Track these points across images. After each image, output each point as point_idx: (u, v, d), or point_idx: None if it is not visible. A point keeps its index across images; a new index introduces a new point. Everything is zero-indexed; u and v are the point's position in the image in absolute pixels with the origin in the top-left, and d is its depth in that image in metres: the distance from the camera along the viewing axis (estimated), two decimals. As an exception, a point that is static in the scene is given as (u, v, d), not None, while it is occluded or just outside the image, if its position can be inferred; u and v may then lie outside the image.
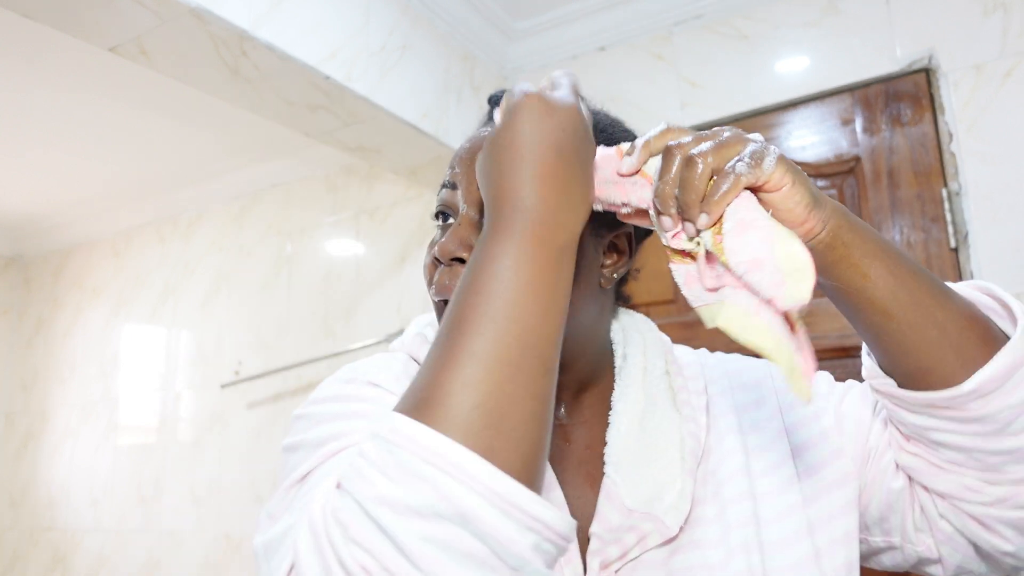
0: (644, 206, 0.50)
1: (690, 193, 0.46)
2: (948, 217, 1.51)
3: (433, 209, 0.63)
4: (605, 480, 0.56)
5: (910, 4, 1.59)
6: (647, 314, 0.71)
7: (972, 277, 1.46)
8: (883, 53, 1.61)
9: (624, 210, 0.52)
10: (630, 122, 0.67)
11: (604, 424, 0.60)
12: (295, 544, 0.37)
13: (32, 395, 3.36)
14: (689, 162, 0.47)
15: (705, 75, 1.83)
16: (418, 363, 0.62)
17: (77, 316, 3.28)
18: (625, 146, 0.52)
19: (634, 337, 0.65)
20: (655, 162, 0.50)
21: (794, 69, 1.72)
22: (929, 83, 1.57)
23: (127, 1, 1.24)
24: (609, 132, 0.62)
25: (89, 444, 3.05)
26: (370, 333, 2.30)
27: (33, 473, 3.24)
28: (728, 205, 0.46)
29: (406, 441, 0.36)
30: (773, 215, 0.48)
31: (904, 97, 1.60)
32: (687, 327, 1.76)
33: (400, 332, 2.21)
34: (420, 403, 0.38)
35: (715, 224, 0.47)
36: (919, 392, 0.51)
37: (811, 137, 1.69)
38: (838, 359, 1.58)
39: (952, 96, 1.53)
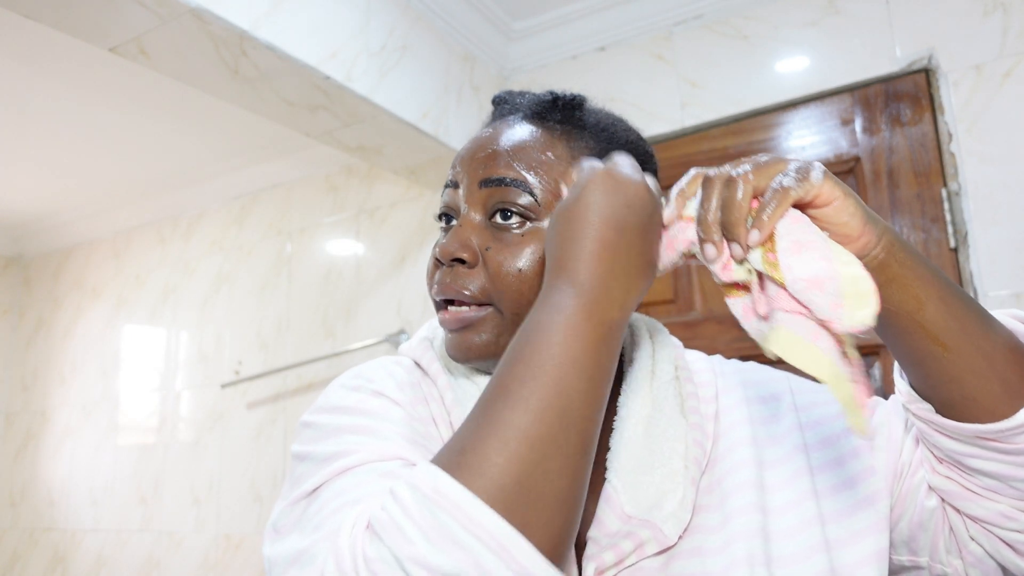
0: (690, 244, 0.49)
1: (733, 212, 0.46)
2: (948, 217, 1.51)
3: (436, 211, 0.63)
4: (606, 486, 0.55)
5: (910, 4, 1.59)
6: (647, 314, 0.70)
7: (972, 277, 1.46)
8: (883, 53, 1.61)
9: (679, 262, 0.51)
10: (630, 122, 0.67)
11: (608, 428, 0.59)
12: None
13: (32, 395, 3.36)
14: (729, 182, 0.47)
15: (705, 75, 1.83)
16: (421, 368, 0.62)
17: (77, 316, 3.28)
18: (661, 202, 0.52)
19: (643, 340, 0.64)
20: (694, 203, 0.49)
21: (794, 69, 1.72)
22: (929, 83, 1.57)
23: (127, 1, 1.25)
24: (611, 131, 0.62)
25: (89, 444, 3.05)
26: (370, 333, 2.30)
27: (33, 473, 3.24)
28: (779, 221, 0.45)
29: (450, 506, 0.36)
30: (826, 232, 0.46)
31: (904, 97, 1.60)
32: (687, 327, 1.76)
33: (400, 332, 2.21)
34: (462, 467, 0.38)
35: (765, 243, 0.45)
36: (964, 424, 0.50)
37: (811, 137, 1.70)
38: (838, 359, 1.58)
39: (952, 96, 1.53)
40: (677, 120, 1.85)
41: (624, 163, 0.49)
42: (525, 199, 0.56)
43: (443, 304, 0.59)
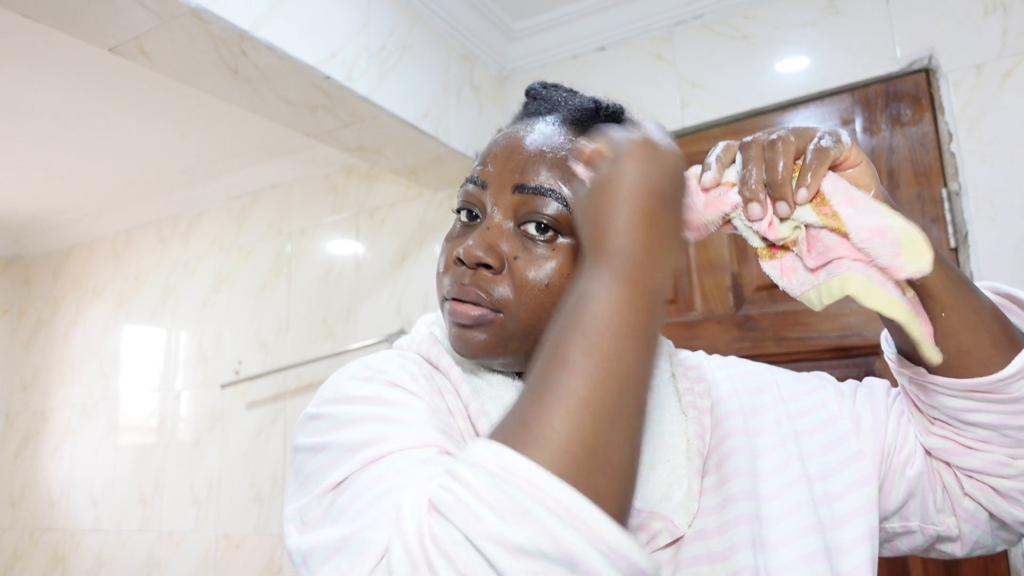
0: (733, 207, 0.51)
1: (779, 171, 0.49)
2: (948, 217, 1.51)
3: (452, 204, 0.62)
4: None
5: (910, 4, 1.59)
6: None
7: (972, 277, 1.46)
8: (883, 53, 1.61)
9: (713, 228, 0.53)
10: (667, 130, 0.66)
11: None
12: (389, 564, 0.37)
13: (32, 395, 3.36)
14: (772, 145, 0.49)
15: (705, 75, 1.83)
16: (430, 363, 0.61)
17: (77, 316, 3.28)
18: (695, 169, 0.53)
19: None
20: (732, 169, 0.52)
21: (794, 69, 1.72)
22: (929, 83, 1.57)
23: (127, 1, 1.24)
24: (617, 117, 0.62)
25: (89, 444, 3.05)
26: (370, 333, 2.30)
27: (33, 473, 3.24)
28: (822, 179, 0.49)
29: (518, 479, 0.35)
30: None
31: (904, 97, 1.60)
32: (687, 327, 1.76)
33: (400, 332, 2.21)
34: (525, 440, 0.37)
35: (813, 199, 0.48)
36: (961, 379, 0.54)
37: (811, 137, 1.69)
38: (838, 359, 1.58)
39: (952, 96, 1.53)
40: (677, 120, 1.85)
41: (657, 130, 0.49)
42: (560, 212, 0.56)
43: (456, 303, 0.58)
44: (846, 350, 1.57)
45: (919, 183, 1.55)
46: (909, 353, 0.58)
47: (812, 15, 1.71)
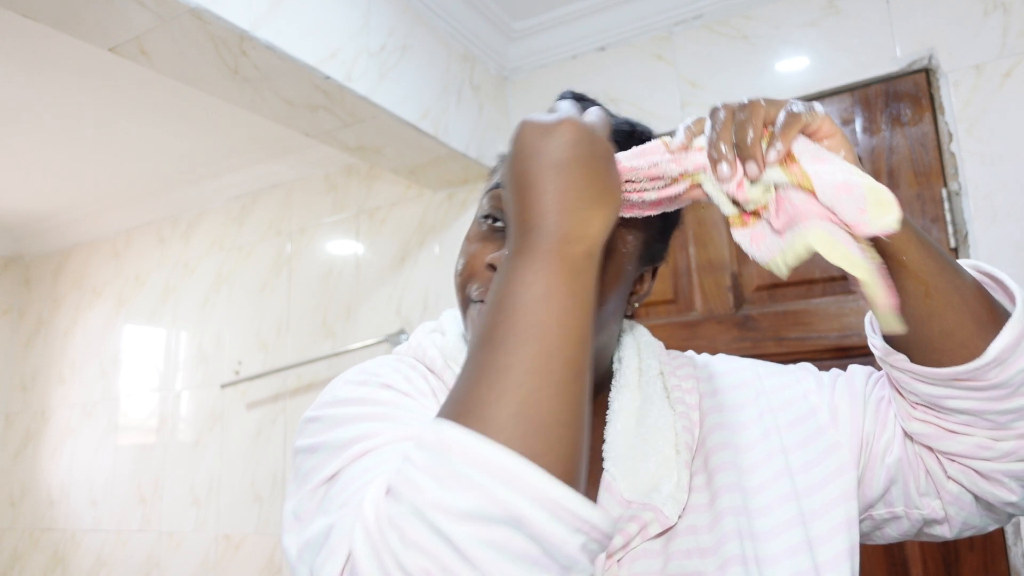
0: (699, 168, 0.51)
1: (748, 132, 0.49)
2: (948, 217, 1.51)
3: (483, 209, 0.64)
4: (604, 474, 0.59)
5: (910, 4, 1.59)
6: (648, 314, 0.73)
7: (972, 277, 1.46)
8: (883, 53, 1.61)
9: (680, 189, 0.52)
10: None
11: (602, 422, 0.63)
12: (351, 548, 0.38)
13: (32, 395, 3.36)
14: (742, 108, 0.50)
15: (705, 75, 1.83)
16: (426, 367, 0.64)
17: (77, 316, 3.28)
18: (665, 138, 0.54)
19: (628, 341, 0.69)
20: (703, 138, 0.52)
21: (794, 69, 1.72)
22: (929, 83, 1.57)
23: (127, 1, 1.24)
24: (640, 136, 0.63)
25: (89, 444, 3.05)
26: (370, 333, 2.30)
27: (33, 473, 3.24)
28: (793, 139, 0.48)
29: (456, 448, 0.37)
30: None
31: (904, 97, 1.60)
32: (687, 327, 1.76)
33: (400, 332, 2.21)
34: (461, 413, 0.40)
35: (783, 161, 0.48)
36: (940, 368, 0.54)
37: (811, 137, 1.69)
38: (838, 359, 1.58)
39: (952, 96, 1.53)
40: (677, 120, 1.84)
41: (560, 107, 0.50)
42: None
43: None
44: (846, 350, 1.57)
45: (919, 183, 1.55)
46: (893, 339, 0.59)
47: (812, 15, 1.71)
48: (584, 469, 0.42)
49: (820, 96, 1.69)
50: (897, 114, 1.60)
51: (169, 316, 2.93)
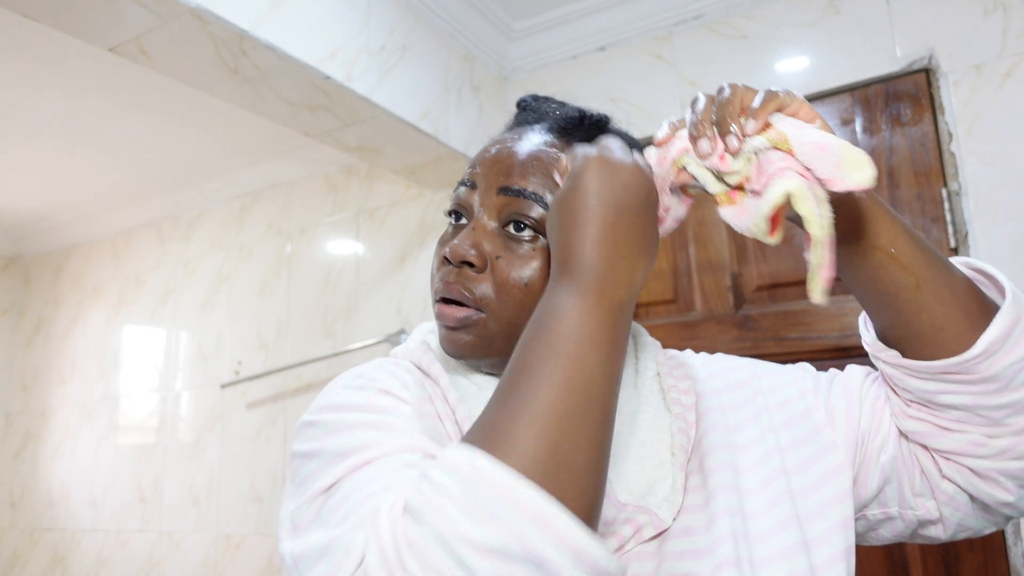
0: (683, 152, 0.52)
1: (726, 107, 0.50)
2: (948, 217, 1.51)
3: (445, 207, 0.64)
4: None
5: (910, 4, 1.59)
6: (648, 314, 0.72)
7: (972, 277, 1.46)
8: (883, 53, 1.61)
9: (671, 179, 0.54)
10: (630, 122, 0.68)
11: None
12: (365, 567, 0.38)
13: (32, 395, 3.36)
14: (720, 91, 0.51)
15: (705, 75, 1.83)
16: (422, 371, 0.64)
17: (77, 316, 3.28)
18: (651, 148, 0.56)
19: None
20: (685, 130, 0.53)
21: (794, 69, 1.72)
22: (929, 83, 1.57)
23: (127, 1, 1.25)
24: (602, 126, 0.66)
25: (89, 444, 3.05)
26: (370, 333, 2.30)
27: (33, 473, 3.24)
28: (770, 112, 0.49)
29: (487, 480, 0.37)
30: None
31: (904, 97, 1.60)
32: (687, 327, 1.76)
33: (400, 332, 2.21)
34: (495, 443, 0.39)
35: (762, 131, 0.49)
36: (931, 362, 0.54)
37: (811, 137, 1.69)
38: (838, 359, 1.58)
39: (952, 96, 1.53)
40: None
41: (614, 146, 0.52)
42: (542, 215, 0.58)
43: (445, 303, 0.60)
44: (846, 350, 1.56)
45: (919, 183, 1.55)
46: (886, 336, 0.59)
47: (812, 15, 1.71)
48: (601, 511, 0.42)
49: (820, 96, 1.69)
50: (897, 114, 1.60)
51: (169, 316, 2.93)
